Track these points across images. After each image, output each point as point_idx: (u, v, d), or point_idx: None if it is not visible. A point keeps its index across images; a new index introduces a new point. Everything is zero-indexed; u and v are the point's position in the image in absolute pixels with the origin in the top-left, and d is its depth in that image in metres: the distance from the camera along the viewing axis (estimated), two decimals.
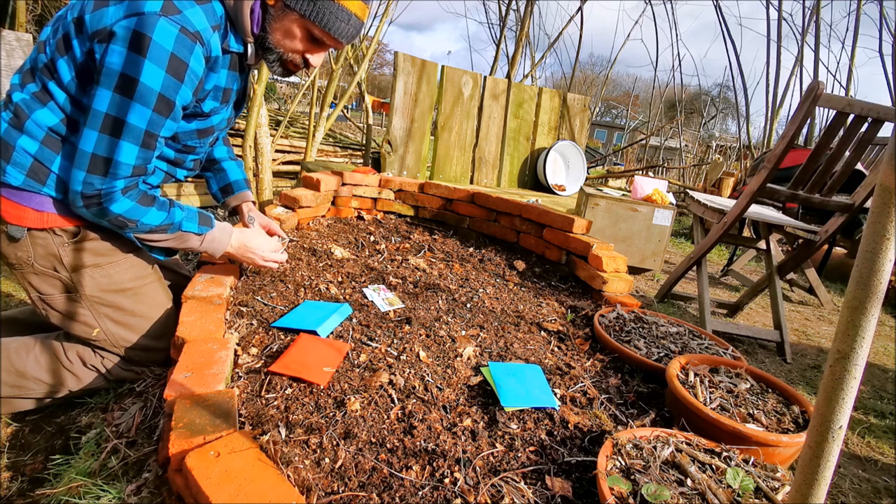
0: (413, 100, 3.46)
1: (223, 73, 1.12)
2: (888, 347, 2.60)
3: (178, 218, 1.13)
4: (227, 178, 1.43)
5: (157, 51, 0.93)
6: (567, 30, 7.00)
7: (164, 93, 0.97)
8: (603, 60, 20.44)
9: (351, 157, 6.01)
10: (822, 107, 1.87)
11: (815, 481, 0.54)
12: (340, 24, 1.08)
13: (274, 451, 0.80)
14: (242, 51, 1.13)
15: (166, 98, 0.99)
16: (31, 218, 1.05)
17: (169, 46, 0.94)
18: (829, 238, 2.39)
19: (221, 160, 1.42)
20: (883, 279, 0.48)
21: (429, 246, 2.08)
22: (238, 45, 1.11)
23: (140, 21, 0.92)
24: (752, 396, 1.14)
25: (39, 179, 1.03)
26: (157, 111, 0.99)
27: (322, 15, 1.06)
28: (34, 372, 1.14)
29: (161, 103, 0.98)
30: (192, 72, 1.01)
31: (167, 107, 1.00)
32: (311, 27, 1.08)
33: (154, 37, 0.92)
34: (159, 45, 0.93)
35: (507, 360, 1.25)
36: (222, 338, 1.08)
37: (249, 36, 1.10)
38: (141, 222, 1.07)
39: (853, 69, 6.58)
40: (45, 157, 1.02)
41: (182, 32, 0.95)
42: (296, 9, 1.06)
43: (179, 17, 0.95)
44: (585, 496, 0.85)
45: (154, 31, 0.92)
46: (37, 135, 1.01)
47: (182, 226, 1.14)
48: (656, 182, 3.17)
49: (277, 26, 1.09)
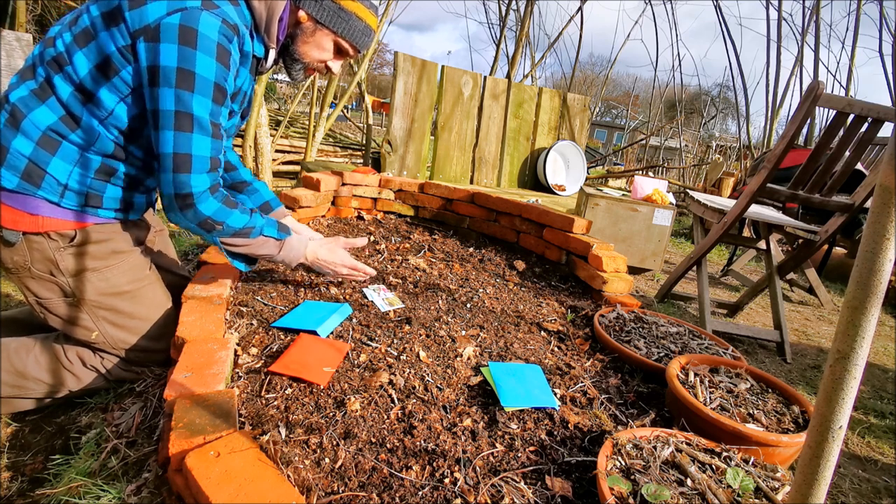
0: (413, 100, 3.46)
1: (245, 73, 1.16)
2: (888, 347, 2.60)
3: (259, 223, 1.18)
4: (263, 197, 1.46)
5: (206, 42, 0.97)
6: (567, 30, 7.00)
7: (217, 81, 1.02)
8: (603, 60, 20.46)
9: (351, 157, 6.01)
10: (822, 107, 1.87)
11: (815, 481, 0.54)
12: (364, 37, 1.22)
13: (274, 451, 0.80)
14: (263, 55, 1.18)
15: (220, 86, 1.03)
16: (25, 222, 1.04)
17: (214, 37, 0.98)
18: (829, 238, 2.39)
19: (251, 181, 1.45)
20: (883, 279, 0.48)
21: (429, 246, 2.08)
22: (260, 49, 1.16)
23: (185, 16, 0.96)
24: (752, 396, 1.14)
25: (34, 182, 1.02)
26: (214, 101, 1.03)
27: (352, 32, 1.19)
28: (34, 372, 1.14)
29: (217, 91, 1.03)
30: (234, 60, 1.05)
31: (222, 94, 1.04)
32: (340, 42, 1.20)
33: (200, 28, 0.97)
34: (206, 37, 0.97)
35: (507, 360, 1.25)
36: (222, 338, 1.08)
37: (274, 42, 1.16)
38: (227, 224, 1.11)
39: (853, 69, 6.59)
40: (40, 158, 1.01)
41: (224, 24, 1.00)
42: (329, 26, 1.17)
43: (219, 10, 1.00)
44: (585, 496, 0.85)
45: (199, 23, 0.97)
46: (32, 135, 1.01)
47: (263, 230, 1.19)
48: (656, 182, 3.18)
49: (309, 40, 1.18)
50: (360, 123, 9.04)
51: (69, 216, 1.07)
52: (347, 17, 1.18)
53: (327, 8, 1.15)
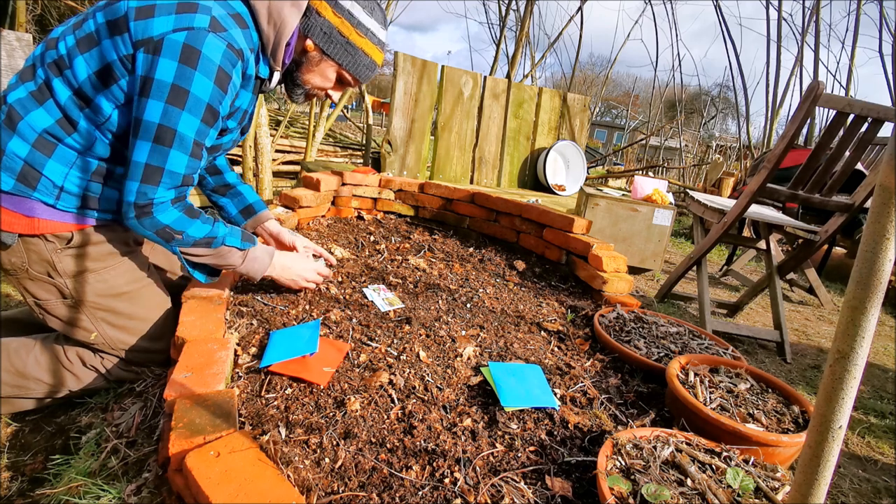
0: (413, 100, 3.46)
1: (246, 95, 1.17)
2: (888, 347, 2.60)
3: (221, 232, 1.15)
4: (247, 200, 1.45)
5: (207, 64, 0.98)
6: (567, 30, 7.01)
7: (211, 103, 1.02)
8: (603, 60, 20.45)
9: (351, 157, 6.01)
10: (822, 107, 1.87)
11: (815, 481, 0.54)
12: (367, 71, 1.24)
13: (274, 451, 0.80)
14: (267, 77, 1.19)
15: (213, 108, 1.03)
16: (21, 224, 1.03)
17: (217, 60, 0.99)
18: (829, 238, 2.39)
19: (235, 184, 1.44)
20: (883, 279, 0.48)
21: (429, 246, 2.08)
22: (265, 71, 1.18)
23: (191, 35, 0.97)
24: (752, 396, 1.14)
25: (29, 184, 1.02)
26: (204, 121, 1.03)
27: (357, 66, 1.21)
28: (34, 372, 1.14)
29: (208, 113, 1.03)
30: (233, 84, 1.06)
31: (213, 117, 1.04)
32: (343, 73, 1.22)
33: (204, 50, 0.97)
34: (209, 59, 0.98)
35: (507, 360, 1.25)
36: (222, 338, 1.08)
37: (280, 66, 1.17)
38: (186, 234, 1.09)
39: (853, 69, 6.59)
40: (36, 160, 1.01)
41: (229, 48, 1.01)
42: (335, 58, 1.19)
43: (226, 34, 1.01)
44: (585, 496, 0.85)
45: (204, 45, 0.97)
46: (28, 137, 1.00)
47: (226, 240, 1.16)
48: (656, 182, 3.18)
49: (314, 69, 1.20)
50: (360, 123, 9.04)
51: (65, 218, 1.07)
52: (355, 52, 1.19)
53: (336, 41, 1.16)
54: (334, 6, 1.14)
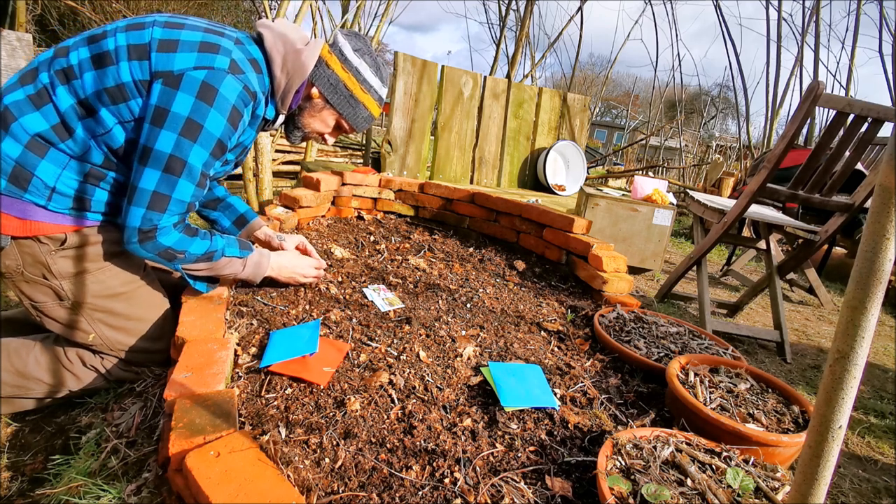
0: (413, 100, 3.46)
1: (251, 133, 1.22)
2: (888, 347, 2.60)
3: (220, 245, 1.20)
4: (238, 210, 1.48)
5: (223, 102, 1.04)
6: (567, 30, 7.00)
7: (222, 138, 1.07)
8: (603, 60, 20.45)
9: (351, 157, 6.01)
10: (822, 107, 1.87)
11: (815, 481, 0.54)
12: (364, 122, 1.33)
13: (274, 451, 0.81)
14: (273, 118, 1.26)
15: (223, 142, 1.08)
16: (13, 225, 1.03)
17: (232, 99, 1.05)
18: (829, 238, 2.39)
19: (225, 197, 1.47)
20: (883, 279, 0.48)
21: (429, 246, 2.08)
22: (272, 113, 1.24)
23: (210, 75, 1.02)
24: (752, 396, 1.14)
25: (21, 185, 1.01)
26: (212, 154, 1.08)
27: (356, 117, 1.30)
28: (34, 372, 1.14)
29: (217, 147, 1.07)
30: (243, 122, 1.12)
31: (221, 150, 1.09)
32: (342, 122, 1.31)
33: (221, 90, 1.03)
34: (225, 97, 1.04)
35: (507, 360, 1.25)
36: (222, 338, 1.08)
37: (286, 110, 1.24)
38: (189, 252, 1.13)
39: (853, 69, 6.58)
40: (28, 161, 1.01)
41: (245, 90, 1.07)
42: (337, 108, 1.27)
43: (243, 76, 1.07)
44: (585, 496, 0.85)
45: (222, 84, 1.03)
46: (21, 139, 1.00)
47: (225, 251, 1.21)
48: (656, 182, 3.18)
49: (315, 115, 1.28)
50: None
51: (58, 219, 1.07)
52: (356, 105, 1.28)
53: (341, 93, 1.25)
54: (343, 62, 1.24)
